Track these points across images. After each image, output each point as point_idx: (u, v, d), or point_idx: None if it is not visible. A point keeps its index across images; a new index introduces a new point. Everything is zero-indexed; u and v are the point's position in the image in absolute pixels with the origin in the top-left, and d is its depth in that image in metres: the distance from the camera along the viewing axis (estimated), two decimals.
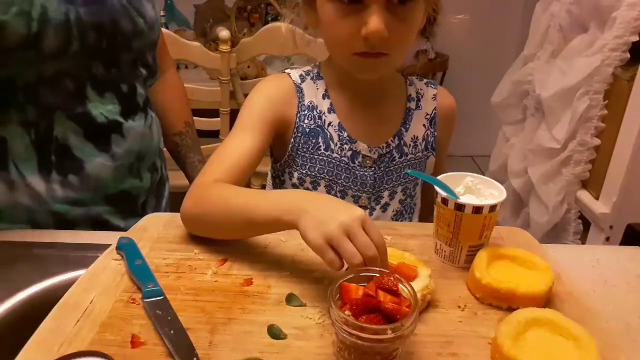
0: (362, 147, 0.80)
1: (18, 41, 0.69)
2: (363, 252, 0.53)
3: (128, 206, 0.88)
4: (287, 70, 0.84)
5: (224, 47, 1.55)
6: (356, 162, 0.81)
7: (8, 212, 0.80)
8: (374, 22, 0.67)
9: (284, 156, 0.82)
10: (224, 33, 1.56)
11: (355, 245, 0.53)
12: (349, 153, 0.81)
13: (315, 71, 0.83)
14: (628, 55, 1.39)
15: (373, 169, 0.82)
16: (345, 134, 0.80)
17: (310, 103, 0.81)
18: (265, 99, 0.80)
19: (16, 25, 0.68)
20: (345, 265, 0.55)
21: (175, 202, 1.22)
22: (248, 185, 1.78)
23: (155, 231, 0.72)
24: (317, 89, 0.82)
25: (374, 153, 0.81)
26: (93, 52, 0.78)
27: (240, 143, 0.76)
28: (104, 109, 0.81)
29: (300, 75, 0.83)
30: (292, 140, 0.80)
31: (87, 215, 0.84)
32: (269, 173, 0.92)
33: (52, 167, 0.79)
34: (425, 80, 0.88)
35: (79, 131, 0.79)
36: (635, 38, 1.36)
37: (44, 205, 0.80)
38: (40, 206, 0.80)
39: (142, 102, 0.89)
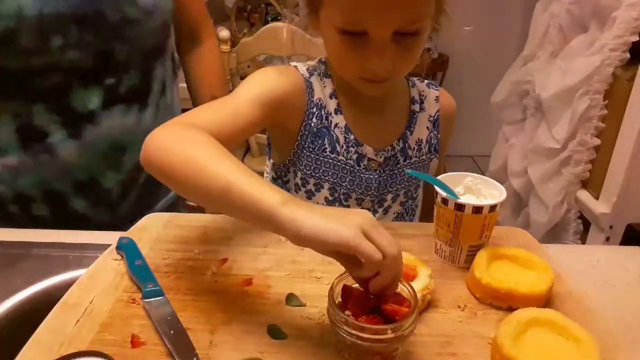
0: (368, 150, 0.79)
1: None
2: (391, 248, 0.47)
3: (97, 195, 0.88)
4: (293, 63, 0.81)
5: (224, 47, 1.55)
6: (361, 165, 0.80)
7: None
8: (378, 63, 0.67)
9: (289, 154, 0.81)
10: (224, 33, 1.56)
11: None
12: (354, 156, 0.79)
13: (323, 68, 0.81)
14: (628, 55, 1.39)
15: (378, 172, 0.81)
16: (352, 137, 0.79)
17: (319, 101, 0.78)
18: (274, 80, 0.75)
19: None
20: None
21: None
22: None
23: (155, 231, 0.72)
24: (325, 87, 0.79)
25: (380, 156, 0.80)
26: (79, 46, 0.77)
27: (242, 103, 0.70)
28: (86, 101, 0.81)
29: (308, 70, 0.80)
30: (299, 138, 0.79)
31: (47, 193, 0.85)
32: (268, 175, 0.89)
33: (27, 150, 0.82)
34: (426, 82, 0.87)
35: (58, 120, 0.80)
36: (635, 38, 1.36)
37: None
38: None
39: (126, 92, 0.86)
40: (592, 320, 0.56)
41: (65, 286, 0.60)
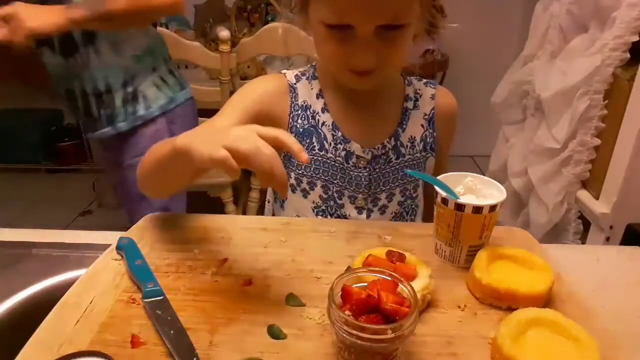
0: (355, 147, 0.80)
1: None
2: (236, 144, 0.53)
3: None
4: (283, 71, 0.85)
5: (224, 47, 1.55)
6: (350, 162, 0.81)
7: None
8: (362, 56, 0.69)
9: (280, 156, 0.81)
10: (224, 33, 1.56)
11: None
12: (342, 153, 0.80)
13: (312, 71, 0.84)
14: (628, 55, 1.39)
15: (368, 169, 0.81)
16: (339, 134, 0.80)
17: (304, 103, 0.81)
18: (253, 91, 0.81)
19: None
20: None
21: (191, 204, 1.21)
22: (248, 187, 1.78)
23: (155, 231, 0.72)
24: (312, 88, 0.82)
25: (368, 154, 0.81)
26: None
27: (224, 121, 0.76)
28: None
29: (296, 76, 0.83)
30: None
31: None
32: None
33: None
34: (424, 81, 0.88)
35: None
36: (635, 38, 1.36)
37: None
38: None
39: None
40: (592, 320, 0.56)
41: (65, 286, 0.60)
